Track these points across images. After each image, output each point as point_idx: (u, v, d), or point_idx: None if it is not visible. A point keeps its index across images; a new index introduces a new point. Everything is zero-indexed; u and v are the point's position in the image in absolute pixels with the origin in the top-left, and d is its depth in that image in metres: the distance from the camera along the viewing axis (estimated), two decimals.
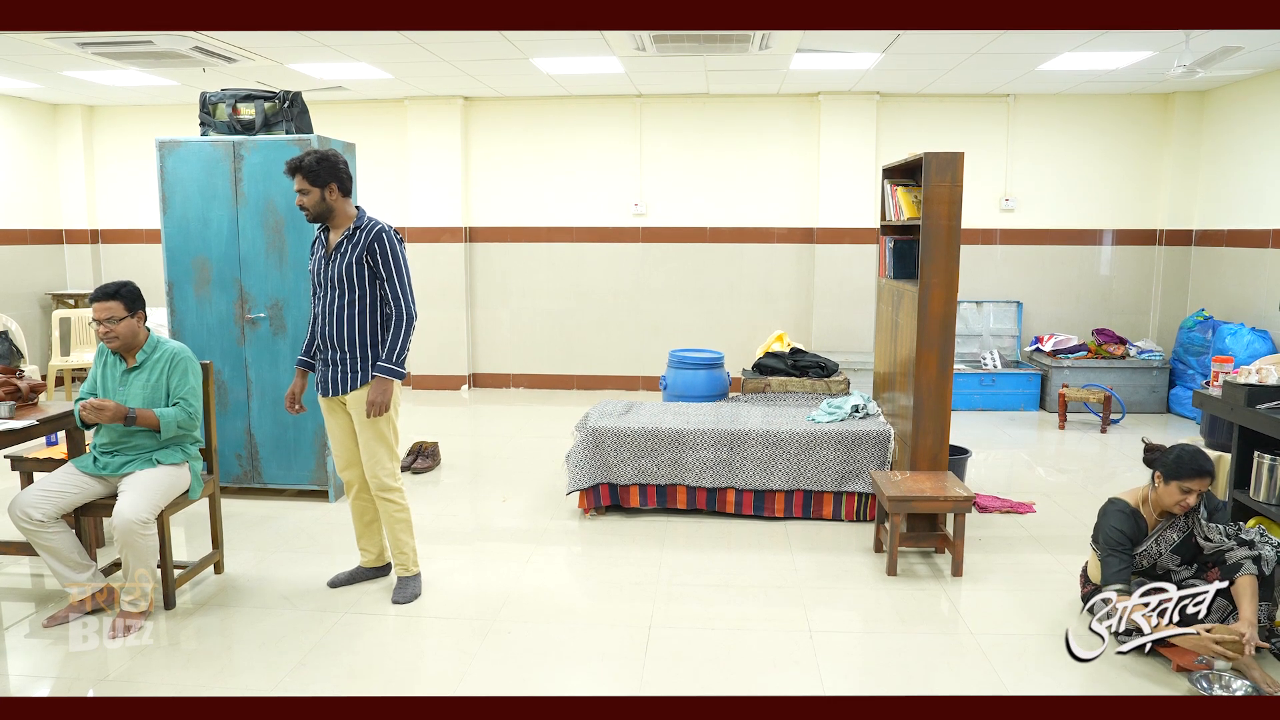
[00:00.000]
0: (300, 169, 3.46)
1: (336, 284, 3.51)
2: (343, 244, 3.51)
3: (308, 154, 3.47)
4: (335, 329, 3.52)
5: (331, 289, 3.52)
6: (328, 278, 3.53)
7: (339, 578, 3.85)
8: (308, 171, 3.44)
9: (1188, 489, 3.18)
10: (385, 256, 3.50)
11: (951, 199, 4.14)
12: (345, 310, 3.51)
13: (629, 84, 7.43)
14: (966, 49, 6.03)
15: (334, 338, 3.53)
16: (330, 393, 3.59)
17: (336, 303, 3.51)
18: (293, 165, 3.48)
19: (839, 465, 4.62)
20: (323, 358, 3.60)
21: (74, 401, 3.56)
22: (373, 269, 3.49)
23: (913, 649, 3.33)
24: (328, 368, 3.58)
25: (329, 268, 3.52)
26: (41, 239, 8.43)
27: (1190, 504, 3.19)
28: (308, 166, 3.44)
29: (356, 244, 3.50)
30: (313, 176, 3.44)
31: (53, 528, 3.34)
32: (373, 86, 7.49)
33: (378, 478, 3.62)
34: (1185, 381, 7.28)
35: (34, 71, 6.77)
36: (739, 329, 8.17)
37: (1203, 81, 7.01)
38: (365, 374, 3.53)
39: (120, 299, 3.46)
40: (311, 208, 3.49)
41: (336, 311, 3.52)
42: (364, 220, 3.54)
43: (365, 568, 3.90)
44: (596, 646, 3.33)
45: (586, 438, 4.71)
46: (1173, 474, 3.20)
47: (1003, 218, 7.95)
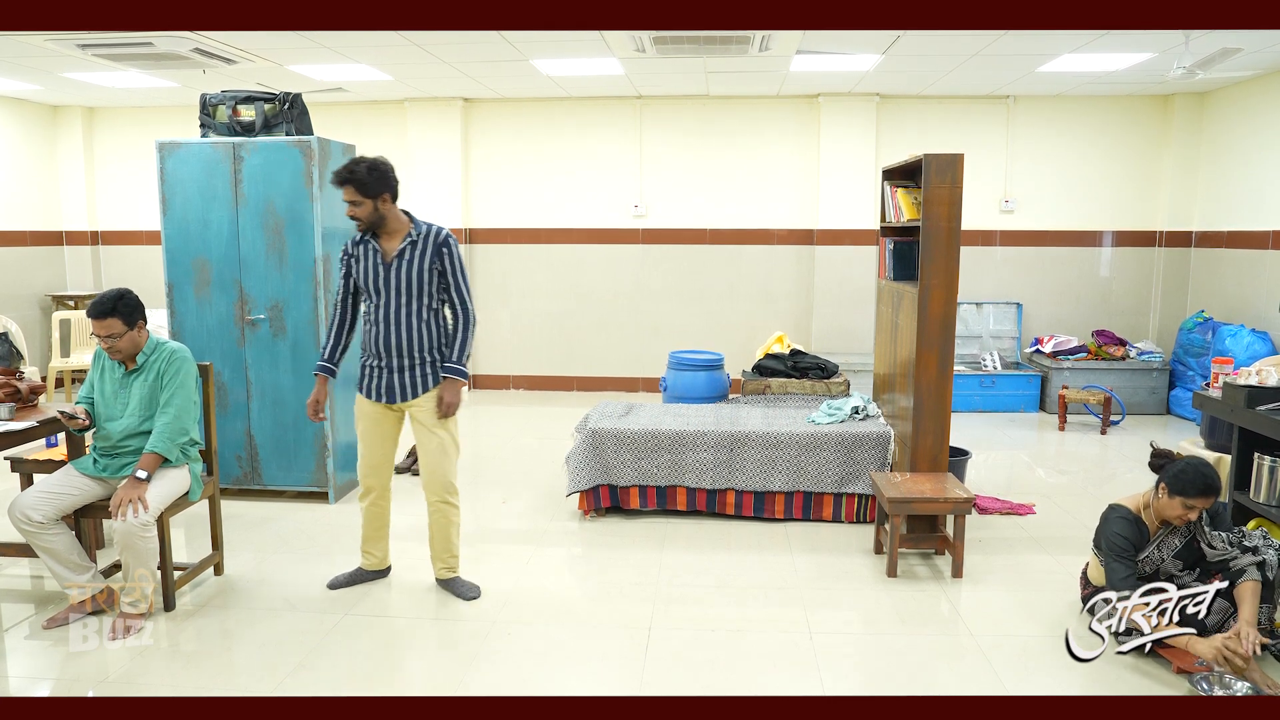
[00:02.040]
0: (352, 181, 3.36)
1: (402, 290, 3.47)
2: (405, 250, 3.47)
3: (357, 165, 3.37)
4: (400, 335, 3.49)
5: (395, 295, 3.47)
6: (388, 285, 3.47)
7: (339, 579, 3.84)
8: (360, 184, 3.36)
9: (1191, 505, 3.16)
10: (453, 259, 3.53)
11: (951, 200, 4.15)
12: (412, 316, 3.48)
13: (629, 85, 7.43)
14: (966, 50, 6.03)
15: (399, 344, 3.49)
16: (393, 399, 3.55)
17: (403, 309, 3.48)
18: (342, 177, 3.38)
19: (839, 467, 4.62)
20: (376, 364, 3.54)
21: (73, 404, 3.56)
22: (439, 272, 3.50)
23: (913, 650, 3.33)
24: (388, 374, 3.53)
25: (389, 275, 3.46)
26: (41, 240, 8.43)
27: (1191, 519, 3.19)
28: (360, 178, 3.35)
29: (423, 249, 3.47)
30: (365, 188, 3.37)
31: (52, 529, 3.34)
32: (372, 88, 7.49)
33: (445, 482, 3.64)
34: (1185, 383, 7.28)
35: (34, 73, 6.78)
36: (739, 330, 8.17)
37: (1202, 83, 7.01)
38: (433, 378, 3.54)
39: (118, 314, 3.39)
40: (365, 219, 3.43)
41: (403, 318, 3.48)
42: (421, 225, 3.51)
43: (366, 570, 3.89)
44: (596, 647, 3.33)
45: (586, 439, 4.71)
46: (1178, 489, 3.17)
47: (1002, 219, 7.95)
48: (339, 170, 3.40)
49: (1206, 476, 3.16)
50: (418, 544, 4.39)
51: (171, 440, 3.47)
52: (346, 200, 3.41)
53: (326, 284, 4.83)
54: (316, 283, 4.78)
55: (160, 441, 3.44)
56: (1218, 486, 3.17)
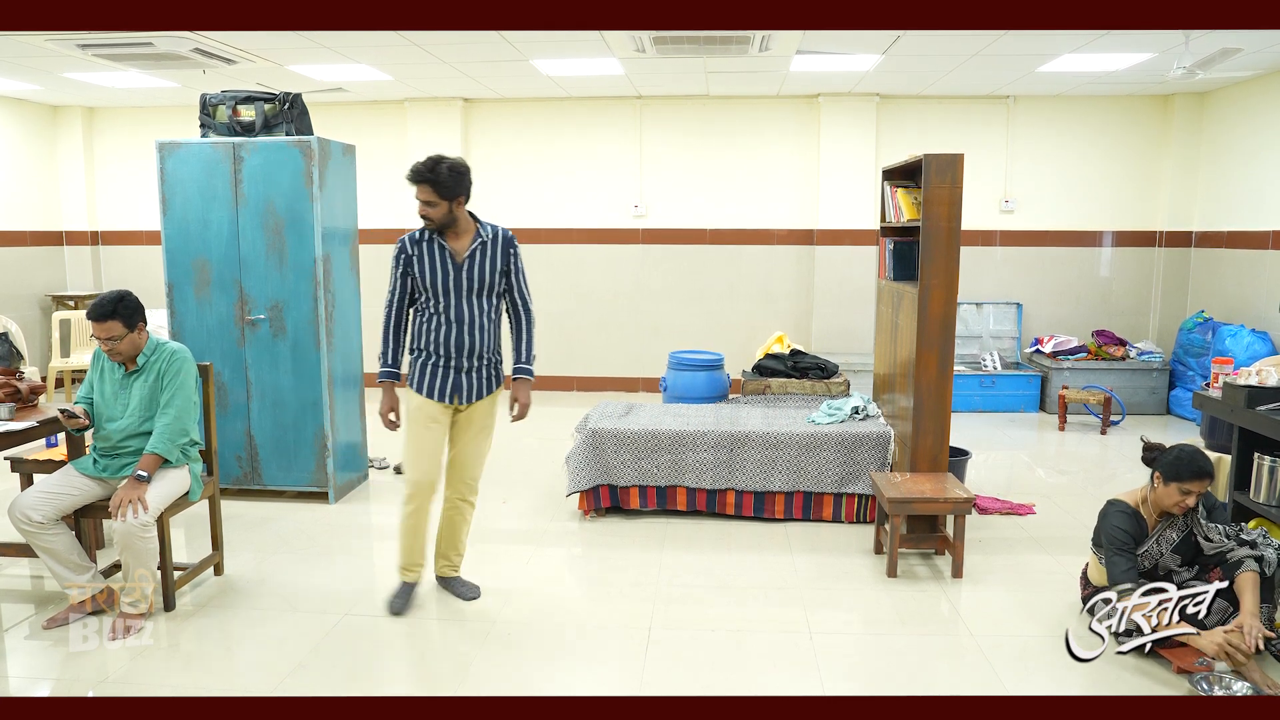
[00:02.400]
0: (432, 181, 3.30)
1: (476, 291, 3.46)
2: (476, 251, 3.45)
3: (438, 165, 3.30)
4: (475, 335, 3.48)
5: (468, 296, 3.45)
6: (460, 285, 3.44)
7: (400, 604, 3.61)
8: (440, 185, 3.31)
9: (1187, 490, 3.18)
10: (519, 259, 3.56)
11: (951, 200, 4.15)
12: (482, 316, 3.49)
13: (629, 85, 7.43)
14: (966, 50, 6.03)
15: (473, 344, 3.48)
16: (468, 399, 3.53)
17: (476, 309, 3.47)
18: (422, 175, 3.31)
19: (839, 467, 4.62)
20: (445, 365, 3.49)
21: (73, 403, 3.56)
22: (504, 273, 3.52)
23: (913, 650, 3.33)
24: (455, 375, 3.50)
25: (461, 275, 3.43)
26: (41, 240, 8.43)
27: (1189, 505, 3.19)
28: (442, 180, 3.30)
29: (493, 250, 3.47)
30: (444, 190, 3.32)
31: (52, 529, 3.34)
32: (372, 88, 7.49)
33: (476, 480, 3.68)
34: (1185, 383, 7.28)
35: (34, 73, 6.78)
36: (739, 330, 8.17)
37: (1202, 83, 7.01)
38: (497, 378, 3.57)
39: (118, 317, 3.39)
40: (438, 220, 3.38)
41: (478, 317, 3.47)
42: (485, 225, 3.49)
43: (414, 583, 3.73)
44: (596, 647, 3.33)
45: (586, 439, 4.71)
46: (1172, 475, 3.20)
47: (1003, 219, 7.95)
48: (418, 169, 3.32)
49: (1198, 460, 3.19)
50: None
51: (171, 441, 3.47)
52: (421, 199, 3.34)
53: (326, 284, 4.83)
54: (316, 283, 4.78)
55: (160, 442, 3.44)
56: (1210, 470, 3.20)
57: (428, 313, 3.50)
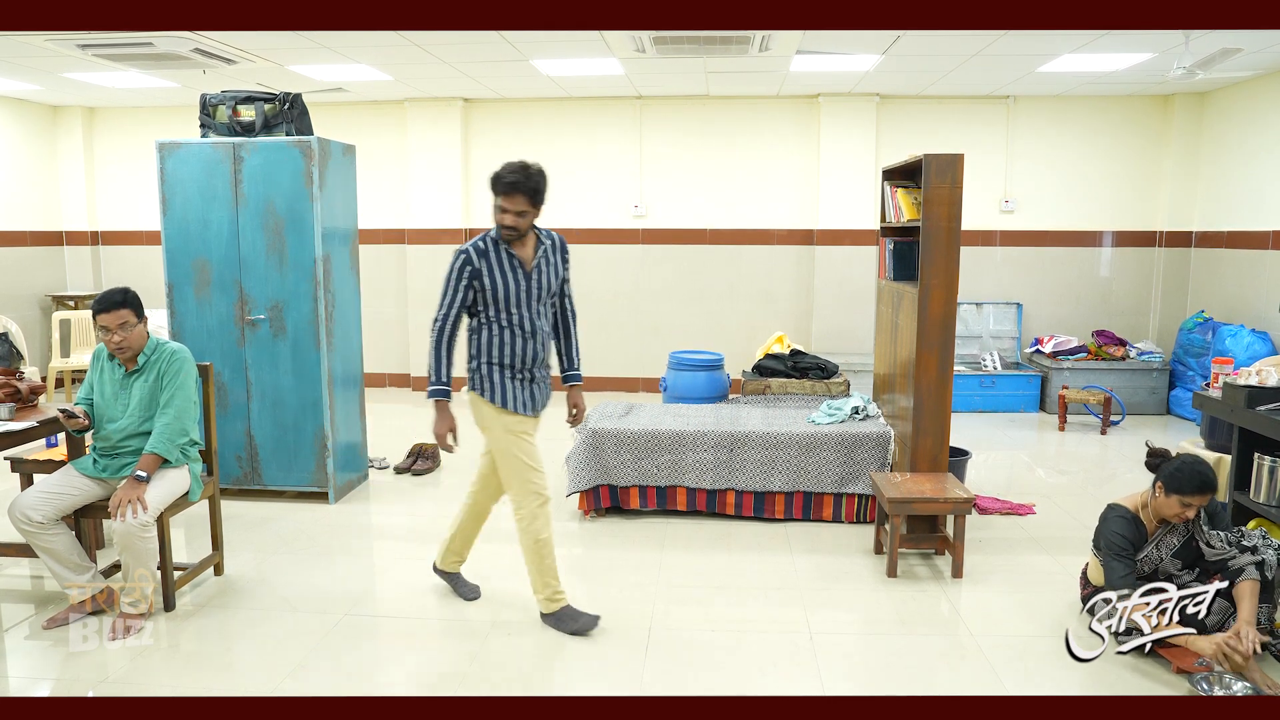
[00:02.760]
0: (530, 190, 3.21)
1: (542, 299, 3.39)
2: (541, 260, 3.37)
3: (531, 173, 3.22)
4: (545, 345, 3.43)
5: (536, 304, 3.37)
6: (529, 294, 3.35)
7: (582, 626, 3.40)
8: (537, 194, 3.23)
9: (1188, 503, 3.16)
10: (568, 263, 3.51)
11: (951, 200, 4.15)
12: (547, 324, 3.45)
13: (629, 85, 7.43)
14: (966, 50, 6.03)
15: (542, 354, 3.43)
16: (541, 409, 3.47)
17: (541, 317, 3.40)
18: (516, 184, 3.19)
19: (839, 467, 4.62)
20: (524, 375, 3.39)
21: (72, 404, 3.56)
22: (564, 278, 3.50)
23: (913, 650, 3.33)
24: (531, 386, 3.41)
25: (530, 284, 3.35)
26: (42, 240, 8.43)
27: (1189, 516, 3.19)
28: (540, 188, 3.23)
29: (553, 256, 3.42)
30: (538, 198, 3.24)
31: (52, 529, 3.34)
32: (373, 88, 7.49)
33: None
34: (1185, 383, 7.28)
35: (34, 73, 6.78)
36: (739, 330, 8.17)
37: (1202, 83, 7.01)
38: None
39: (128, 306, 3.43)
40: (523, 230, 3.27)
41: (543, 326, 3.41)
42: (543, 231, 3.41)
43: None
44: (597, 647, 3.33)
45: (586, 439, 4.71)
46: (1174, 487, 3.18)
47: (1003, 219, 7.95)
48: (510, 175, 3.20)
49: (1202, 474, 3.16)
50: (415, 544, 4.39)
51: (171, 441, 3.47)
52: (512, 210, 3.22)
53: (326, 284, 4.83)
54: (316, 283, 4.78)
55: (160, 442, 3.44)
56: (1214, 484, 3.17)
57: (496, 325, 3.35)
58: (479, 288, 3.32)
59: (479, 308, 3.36)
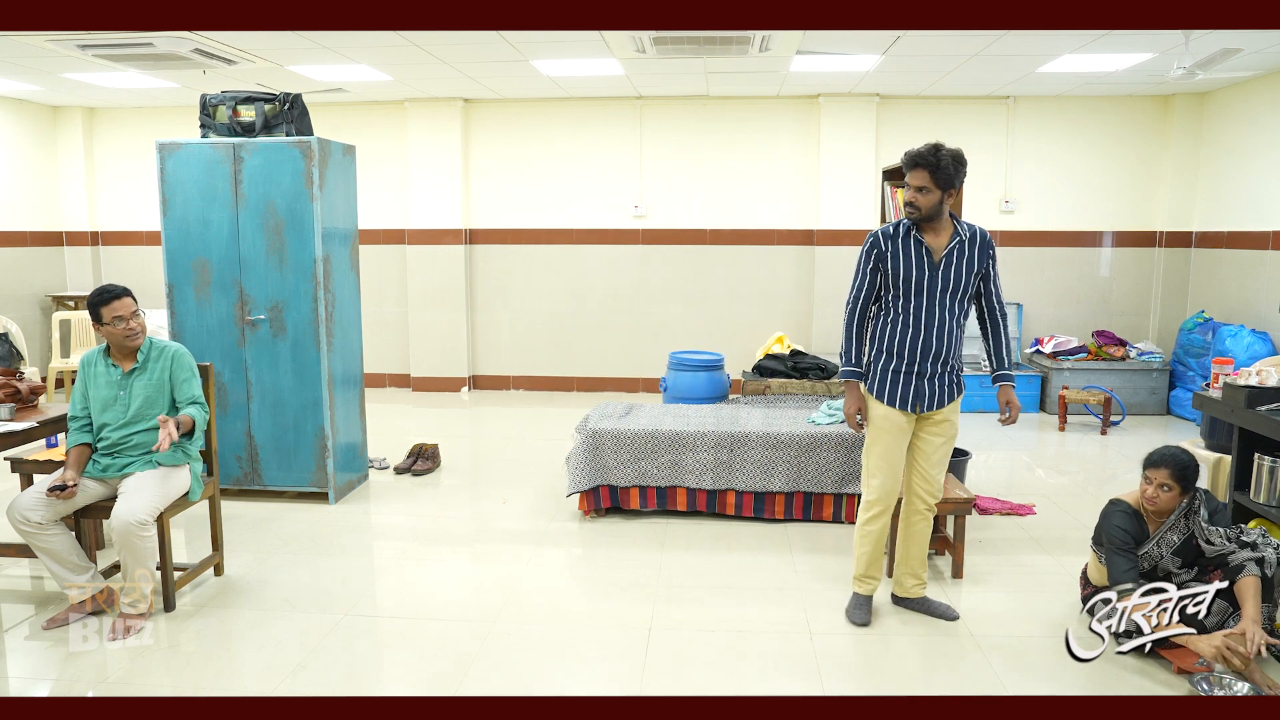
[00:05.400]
0: (933, 166, 3.13)
1: (947, 292, 3.27)
2: (953, 250, 3.27)
3: (940, 150, 3.16)
4: (943, 339, 3.30)
5: (944, 297, 3.27)
6: (934, 285, 3.26)
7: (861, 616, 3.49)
8: (940, 171, 3.13)
9: (1148, 478, 3.27)
10: (995, 260, 3.38)
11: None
12: (954, 319, 3.31)
13: (629, 86, 7.43)
14: (966, 51, 6.03)
15: (939, 349, 3.30)
16: (932, 406, 3.35)
17: (945, 310, 3.29)
18: (922, 159, 3.15)
19: (839, 467, 4.62)
20: (908, 370, 3.31)
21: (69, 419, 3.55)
22: (982, 275, 3.36)
23: (913, 650, 3.33)
24: (917, 381, 3.31)
25: (937, 275, 3.26)
26: (42, 241, 8.43)
27: (1154, 496, 3.25)
28: (944, 165, 3.13)
29: (970, 250, 3.29)
30: (942, 177, 3.15)
31: (51, 530, 3.34)
32: (373, 88, 7.49)
33: (939, 489, 3.49)
34: (1185, 383, 7.28)
35: (34, 74, 6.78)
36: (739, 331, 8.17)
37: (1203, 83, 7.01)
38: (958, 385, 3.40)
39: (131, 295, 3.54)
40: (926, 209, 3.20)
41: (947, 320, 3.29)
42: (964, 224, 3.32)
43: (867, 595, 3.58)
44: (596, 648, 3.33)
45: (586, 439, 4.71)
46: (1144, 465, 3.33)
47: (1003, 219, 7.95)
48: (918, 153, 3.17)
49: (1163, 450, 3.30)
50: (415, 544, 4.40)
51: (204, 416, 3.61)
52: (914, 185, 3.18)
53: (326, 284, 4.83)
54: (317, 283, 4.78)
55: (195, 410, 3.56)
56: (1177, 460, 3.24)
57: (893, 312, 3.32)
58: (885, 271, 3.32)
59: (884, 293, 3.36)
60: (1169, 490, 3.23)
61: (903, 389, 3.34)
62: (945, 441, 3.44)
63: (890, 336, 3.34)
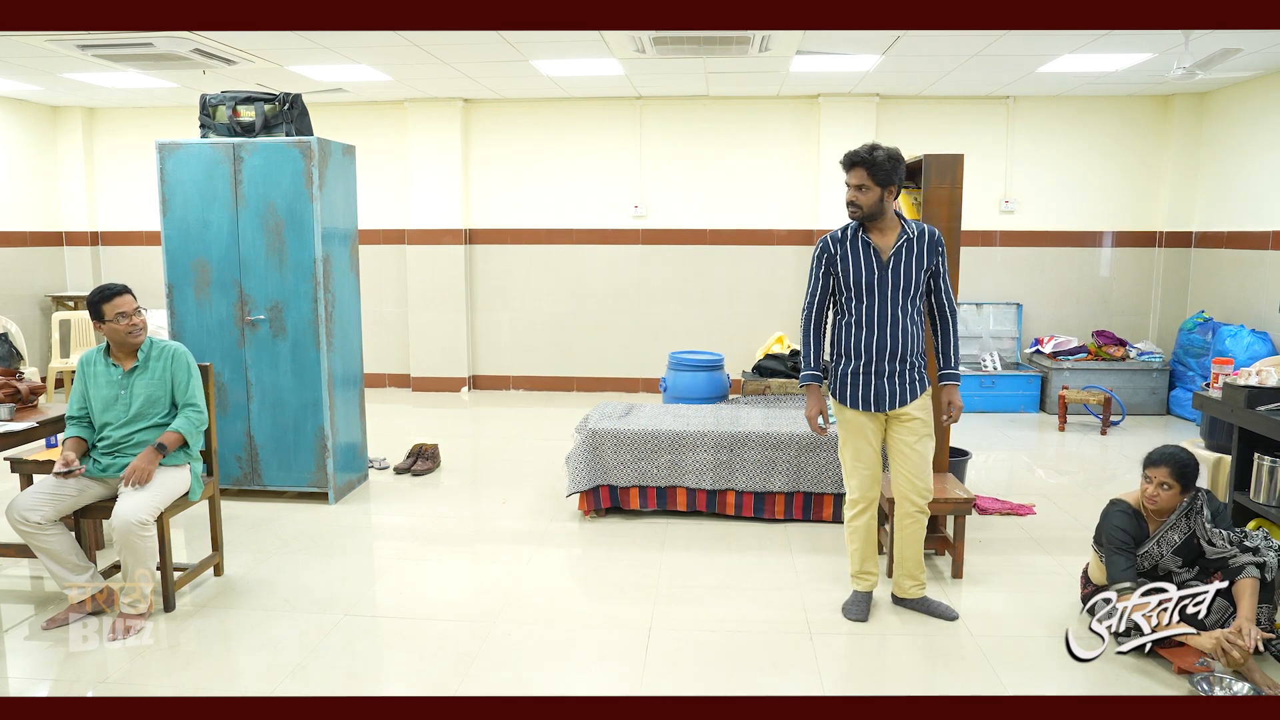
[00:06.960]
0: (869, 165, 3.20)
1: (898, 291, 3.29)
2: (901, 249, 3.30)
3: (877, 149, 3.22)
4: (895, 338, 3.31)
5: (894, 295, 3.30)
6: (883, 285, 3.30)
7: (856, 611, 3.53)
8: (877, 168, 3.19)
9: (1149, 477, 3.28)
10: (944, 257, 3.39)
11: (951, 201, 4.15)
12: (905, 318, 3.32)
13: (629, 86, 7.43)
14: (966, 50, 6.03)
15: (895, 347, 3.32)
16: (894, 405, 3.37)
17: (897, 309, 3.31)
18: (858, 159, 3.21)
19: (839, 467, 4.60)
20: (866, 371, 3.36)
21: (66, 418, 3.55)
22: (930, 274, 3.36)
23: (913, 650, 3.33)
24: (876, 380, 3.35)
25: (885, 274, 3.29)
26: (41, 241, 8.43)
27: (1155, 495, 3.26)
28: (879, 162, 3.19)
29: (919, 248, 3.31)
30: (880, 174, 3.20)
31: (51, 530, 3.34)
32: (372, 89, 7.49)
33: (927, 486, 3.47)
34: (1185, 383, 7.28)
35: (34, 74, 6.78)
36: (739, 331, 8.17)
37: (1202, 83, 7.01)
38: (922, 383, 3.40)
39: (131, 293, 3.54)
40: (866, 207, 3.25)
41: (904, 318, 3.32)
42: (911, 223, 3.35)
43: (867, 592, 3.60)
44: (597, 648, 3.33)
45: (586, 440, 4.71)
46: (1143, 465, 3.34)
47: (1003, 219, 7.95)
48: (855, 152, 3.24)
49: (1163, 449, 3.31)
50: (415, 544, 4.40)
51: (197, 428, 3.58)
52: (852, 184, 3.25)
53: (326, 284, 4.83)
54: (316, 283, 4.78)
55: (185, 424, 3.54)
56: (1175, 459, 3.25)
57: (848, 314, 3.37)
58: (835, 275, 3.37)
59: (838, 296, 3.41)
60: (1169, 489, 3.24)
61: (863, 390, 3.39)
62: (919, 439, 3.43)
63: (846, 338, 3.40)
